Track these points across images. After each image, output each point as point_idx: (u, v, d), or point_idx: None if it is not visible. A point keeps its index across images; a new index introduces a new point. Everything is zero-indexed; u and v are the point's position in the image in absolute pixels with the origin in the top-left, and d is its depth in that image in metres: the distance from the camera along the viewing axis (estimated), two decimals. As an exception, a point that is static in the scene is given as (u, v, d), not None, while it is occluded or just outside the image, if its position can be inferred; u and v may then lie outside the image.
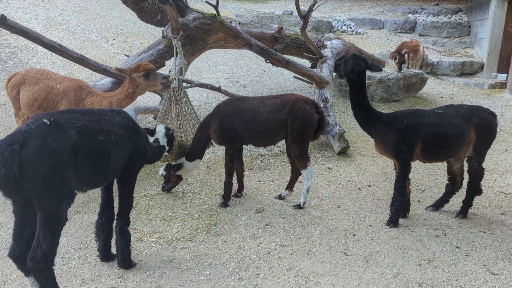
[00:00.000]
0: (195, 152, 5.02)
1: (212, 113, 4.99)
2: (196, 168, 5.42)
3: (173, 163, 4.99)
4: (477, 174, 4.80)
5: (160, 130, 4.04)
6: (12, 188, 2.61)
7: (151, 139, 3.96)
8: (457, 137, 4.54)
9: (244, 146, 5.77)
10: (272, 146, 5.98)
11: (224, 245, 4.06)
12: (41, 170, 2.64)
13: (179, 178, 5.10)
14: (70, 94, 4.85)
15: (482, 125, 4.60)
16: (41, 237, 2.75)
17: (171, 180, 5.08)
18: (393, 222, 4.60)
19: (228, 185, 4.93)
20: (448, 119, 4.56)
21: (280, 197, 5.18)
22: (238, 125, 4.77)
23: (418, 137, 4.47)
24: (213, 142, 5.18)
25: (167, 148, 4.09)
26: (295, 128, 4.72)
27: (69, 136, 2.81)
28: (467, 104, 4.85)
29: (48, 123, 2.75)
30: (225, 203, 4.91)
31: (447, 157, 4.75)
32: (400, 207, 4.62)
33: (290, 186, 5.23)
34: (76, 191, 2.96)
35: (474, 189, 4.86)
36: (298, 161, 4.86)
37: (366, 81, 9.16)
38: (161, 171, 5.05)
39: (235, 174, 5.07)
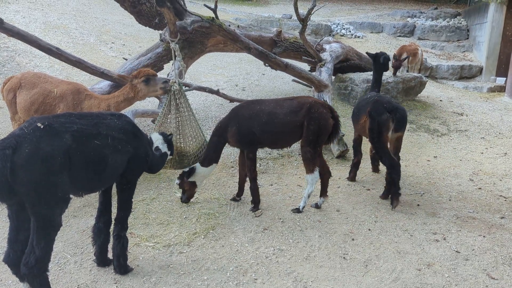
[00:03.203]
0: (212, 156, 4.93)
1: (228, 116, 4.95)
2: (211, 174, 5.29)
3: (186, 169, 4.86)
4: None
5: (157, 138, 3.92)
6: (5, 192, 2.58)
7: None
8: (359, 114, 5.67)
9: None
10: (270, 149, 5.96)
11: (222, 249, 4.02)
12: (33, 174, 2.61)
13: (193, 185, 4.92)
14: (67, 97, 4.82)
15: None
16: (34, 243, 2.72)
17: (186, 189, 4.91)
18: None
19: (254, 189, 4.89)
20: (367, 100, 5.68)
21: (317, 206, 5.10)
22: (256, 128, 4.74)
23: (360, 112, 5.70)
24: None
25: (169, 153, 4.03)
26: (311, 131, 4.71)
27: (63, 140, 2.77)
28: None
29: (42, 127, 2.72)
30: (256, 207, 4.89)
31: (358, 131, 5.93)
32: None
33: (323, 192, 5.14)
34: (71, 196, 2.93)
35: None
36: (307, 164, 4.82)
37: (366, 84, 9.23)
38: (177, 180, 4.91)
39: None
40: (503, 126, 9.50)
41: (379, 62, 6.16)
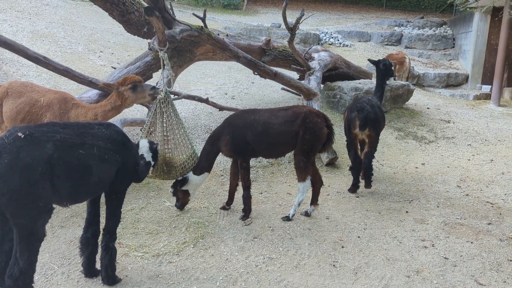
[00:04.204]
0: (204, 165, 4.92)
1: (222, 125, 4.95)
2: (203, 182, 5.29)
3: (180, 178, 4.86)
4: None
5: (144, 145, 3.86)
6: None
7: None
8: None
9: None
10: (260, 157, 5.96)
11: (211, 258, 4.00)
12: (13, 185, 2.57)
13: (186, 193, 4.92)
14: (54, 106, 4.77)
15: None
16: (18, 254, 2.67)
17: (179, 197, 4.92)
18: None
19: (247, 198, 4.89)
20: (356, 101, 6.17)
21: (307, 214, 5.11)
22: (250, 138, 4.74)
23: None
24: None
25: (152, 163, 4.00)
26: (306, 140, 4.73)
27: (45, 150, 2.73)
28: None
29: (22, 136, 2.68)
30: (246, 215, 4.87)
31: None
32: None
33: (314, 200, 5.14)
34: (56, 206, 2.88)
35: None
36: (300, 172, 4.83)
37: (354, 93, 9.32)
38: (171, 189, 4.93)
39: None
40: (489, 133, 9.65)
41: (379, 68, 6.63)
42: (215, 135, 4.94)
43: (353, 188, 5.98)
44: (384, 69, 6.58)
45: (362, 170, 6.00)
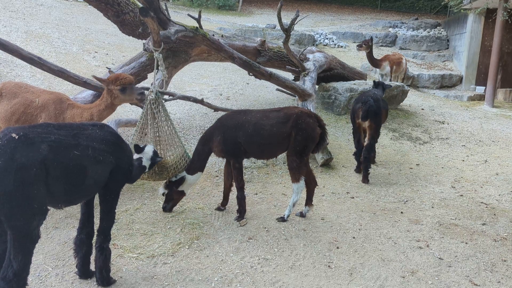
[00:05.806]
0: (196, 164, 4.94)
1: (214, 125, 4.96)
2: (197, 182, 5.31)
3: (173, 179, 4.86)
4: None
5: (149, 151, 3.88)
6: None
7: (135, 156, 3.85)
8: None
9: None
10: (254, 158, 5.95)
11: (206, 259, 3.99)
12: (7, 186, 2.55)
13: (182, 194, 4.95)
14: (49, 107, 4.75)
15: None
16: (12, 256, 2.65)
17: (174, 197, 4.91)
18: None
19: (241, 198, 4.88)
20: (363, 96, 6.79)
21: (301, 215, 5.11)
22: (241, 138, 4.75)
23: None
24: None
25: (146, 170, 3.99)
26: (298, 141, 4.73)
27: (39, 151, 2.71)
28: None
29: (16, 137, 2.66)
30: (241, 216, 4.86)
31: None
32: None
33: (309, 201, 5.14)
34: (49, 208, 2.86)
35: None
36: (293, 173, 4.84)
37: (349, 93, 9.35)
38: (161, 190, 4.90)
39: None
40: (483, 134, 9.70)
41: (382, 86, 7.63)
42: (206, 135, 4.95)
43: (358, 170, 6.75)
44: (384, 88, 7.61)
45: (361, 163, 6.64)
